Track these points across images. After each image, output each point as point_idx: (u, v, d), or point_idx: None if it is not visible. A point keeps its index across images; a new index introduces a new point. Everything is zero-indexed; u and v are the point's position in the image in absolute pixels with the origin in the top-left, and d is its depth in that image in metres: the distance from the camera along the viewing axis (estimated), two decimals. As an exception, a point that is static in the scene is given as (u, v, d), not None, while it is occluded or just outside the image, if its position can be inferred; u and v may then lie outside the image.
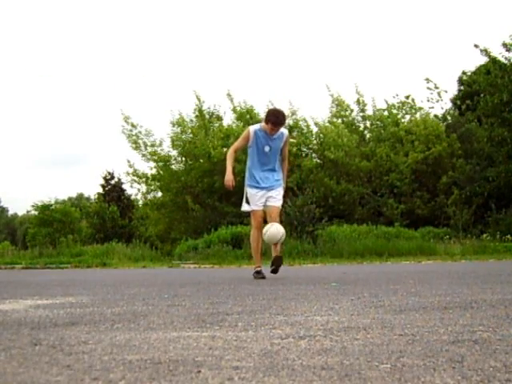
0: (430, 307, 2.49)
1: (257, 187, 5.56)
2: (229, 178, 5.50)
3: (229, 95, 21.98)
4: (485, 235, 15.31)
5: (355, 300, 2.90)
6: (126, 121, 21.03)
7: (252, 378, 1.18)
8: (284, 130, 5.67)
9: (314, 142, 21.57)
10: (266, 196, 5.55)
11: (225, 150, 19.63)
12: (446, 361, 1.32)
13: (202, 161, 19.99)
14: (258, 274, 5.42)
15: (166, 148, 21.25)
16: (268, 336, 1.75)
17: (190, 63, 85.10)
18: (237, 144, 5.75)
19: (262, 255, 5.75)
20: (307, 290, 3.68)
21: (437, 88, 22.73)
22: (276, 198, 5.56)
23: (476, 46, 18.41)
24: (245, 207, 5.69)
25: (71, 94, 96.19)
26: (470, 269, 7.20)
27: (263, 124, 5.59)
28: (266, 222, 5.65)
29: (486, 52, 18.42)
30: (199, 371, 1.25)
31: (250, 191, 5.60)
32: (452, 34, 67.33)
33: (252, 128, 5.62)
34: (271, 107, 5.76)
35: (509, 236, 14.81)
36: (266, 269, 5.64)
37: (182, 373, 1.24)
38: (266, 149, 5.54)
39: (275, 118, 5.47)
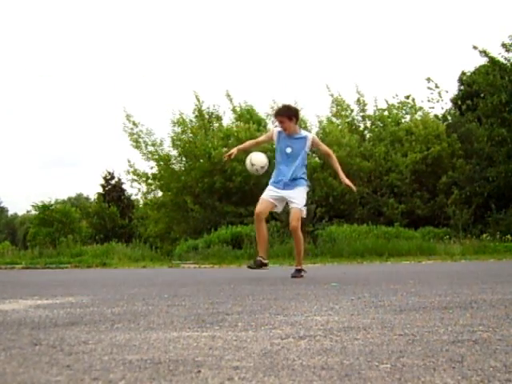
0: (430, 307, 2.49)
1: (275, 185, 5.56)
2: (228, 153, 5.77)
3: (228, 95, 22.02)
4: (485, 235, 15.31)
5: (355, 300, 2.90)
6: (127, 119, 21.09)
7: (252, 378, 1.18)
8: (307, 134, 5.69)
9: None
10: (284, 198, 5.54)
11: (225, 149, 19.65)
12: (446, 361, 1.32)
13: (202, 161, 20.00)
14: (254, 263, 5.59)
15: (167, 148, 21.30)
16: (268, 336, 1.75)
17: (190, 63, 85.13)
18: (259, 138, 6.00)
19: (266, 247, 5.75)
20: (307, 290, 3.68)
21: (437, 88, 22.75)
22: (295, 199, 5.46)
23: (475, 47, 18.39)
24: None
25: (71, 93, 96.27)
26: (470, 269, 7.20)
27: None
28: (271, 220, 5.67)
29: (485, 53, 18.40)
30: (199, 371, 1.25)
31: (269, 186, 5.63)
32: (452, 34, 67.35)
33: (276, 128, 5.72)
34: None
35: (509, 236, 14.80)
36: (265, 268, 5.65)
37: (182, 373, 1.24)
38: (288, 150, 5.51)
39: (274, 111, 5.62)
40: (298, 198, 5.46)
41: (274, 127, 5.78)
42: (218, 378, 1.18)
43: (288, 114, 5.54)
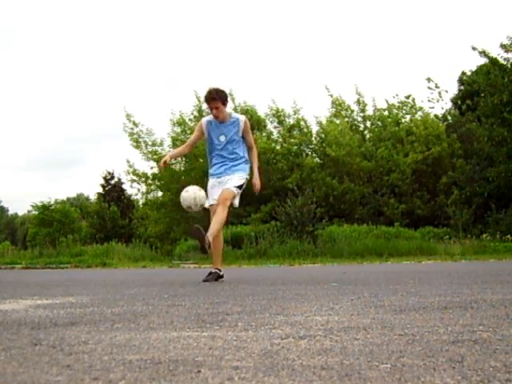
0: (430, 307, 2.49)
1: (213, 175, 5.12)
2: (163, 158, 5.11)
3: (231, 94, 22.04)
4: (485, 235, 15.32)
5: (355, 300, 2.90)
6: (128, 119, 21.11)
7: (252, 378, 1.18)
8: (239, 116, 5.17)
9: (315, 141, 21.60)
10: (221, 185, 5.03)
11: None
12: (446, 361, 1.32)
13: (201, 161, 20.01)
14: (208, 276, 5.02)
15: (167, 148, 21.31)
16: (268, 336, 1.75)
17: (190, 63, 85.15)
18: (191, 139, 5.31)
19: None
20: (307, 290, 3.68)
21: (437, 88, 22.77)
22: (230, 181, 4.98)
23: (474, 48, 18.39)
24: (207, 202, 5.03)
25: (71, 93, 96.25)
26: (470, 269, 7.20)
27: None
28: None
29: (484, 54, 18.41)
30: (199, 371, 1.25)
31: (209, 182, 5.17)
32: (452, 34, 67.33)
33: (203, 119, 5.18)
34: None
35: (509, 236, 14.82)
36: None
37: (181, 373, 1.24)
38: (222, 138, 5.05)
39: (206, 95, 5.01)
40: (232, 179, 4.99)
41: (202, 120, 5.20)
42: (218, 378, 1.18)
43: (222, 98, 5.02)
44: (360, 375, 1.19)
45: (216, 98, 4.97)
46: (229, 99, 5.24)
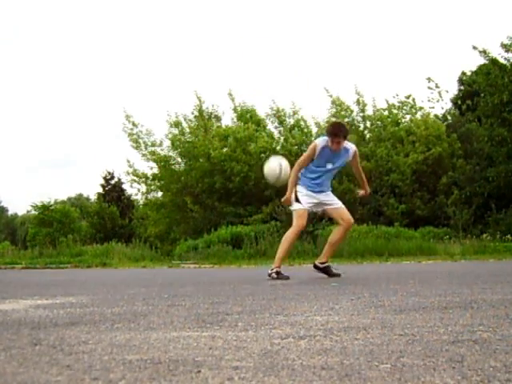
0: (430, 307, 2.49)
1: (310, 191, 5.39)
2: (288, 197, 5.36)
3: (230, 95, 22.05)
4: (485, 235, 15.30)
5: (355, 300, 2.90)
6: (127, 119, 21.10)
7: (252, 378, 1.18)
8: (350, 147, 5.41)
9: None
10: (319, 202, 5.42)
11: (225, 150, 19.64)
12: (446, 361, 1.32)
13: (201, 161, 20.01)
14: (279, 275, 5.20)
15: (166, 148, 21.31)
16: (268, 336, 1.74)
17: (190, 63, 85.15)
18: (302, 160, 5.42)
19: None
20: (307, 290, 3.68)
21: (437, 88, 22.73)
22: (334, 200, 5.50)
23: (474, 47, 18.37)
24: (294, 206, 5.43)
25: (71, 93, 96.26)
26: (470, 269, 7.20)
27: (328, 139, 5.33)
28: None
29: (484, 53, 18.39)
30: (199, 371, 1.25)
31: (299, 189, 5.39)
32: (452, 34, 67.37)
33: (320, 144, 5.29)
34: (332, 121, 5.44)
35: (509, 236, 14.80)
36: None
37: (182, 373, 1.24)
38: (329, 166, 5.33)
39: (332, 129, 5.26)
40: (335, 198, 5.53)
41: (316, 141, 5.38)
42: (218, 378, 1.18)
43: (345, 134, 5.31)
44: (360, 375, 1.19)
45: (340, 134, 5.23)
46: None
